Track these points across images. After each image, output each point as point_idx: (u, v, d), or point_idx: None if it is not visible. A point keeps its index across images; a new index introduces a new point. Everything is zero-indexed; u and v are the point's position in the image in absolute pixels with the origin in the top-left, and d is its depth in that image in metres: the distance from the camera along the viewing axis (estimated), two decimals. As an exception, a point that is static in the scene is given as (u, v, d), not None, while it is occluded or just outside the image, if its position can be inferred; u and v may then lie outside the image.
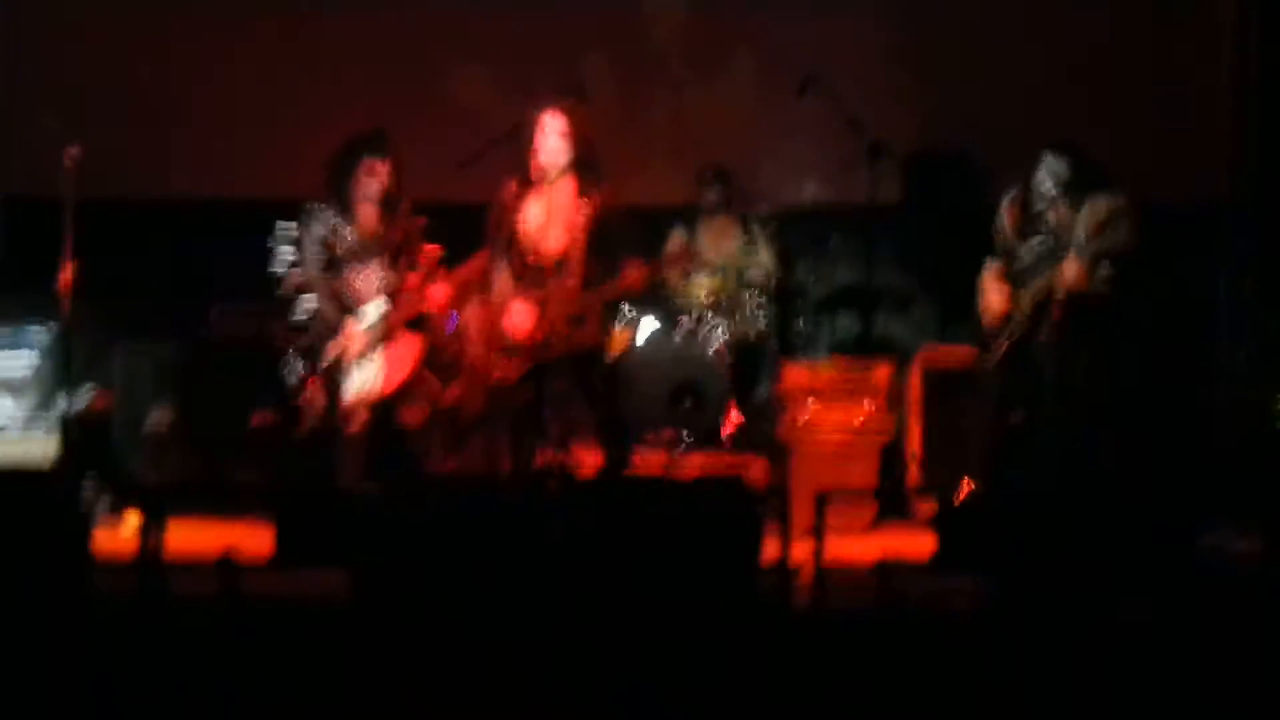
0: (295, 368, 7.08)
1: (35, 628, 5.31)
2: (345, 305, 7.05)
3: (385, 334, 7.02)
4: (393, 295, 7.05)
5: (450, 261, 7.56)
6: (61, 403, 7.85)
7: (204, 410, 8.10)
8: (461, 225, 7.14)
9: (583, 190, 6.83)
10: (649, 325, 8.44)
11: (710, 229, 8.79)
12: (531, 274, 6.85)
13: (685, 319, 8.47)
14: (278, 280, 7.13)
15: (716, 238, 8.77)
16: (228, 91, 9.10)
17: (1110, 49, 8.92)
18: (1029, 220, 7.04)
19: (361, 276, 7.05)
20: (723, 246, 8.73)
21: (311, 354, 7.08)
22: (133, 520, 6.50)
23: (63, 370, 7.83)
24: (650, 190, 8.78)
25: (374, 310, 7.02)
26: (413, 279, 7.07)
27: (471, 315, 6.98)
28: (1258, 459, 7.79)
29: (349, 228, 7.06)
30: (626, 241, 6.92)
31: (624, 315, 8.43)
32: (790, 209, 8.92)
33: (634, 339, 8.25)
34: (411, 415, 7.16)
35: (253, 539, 6.35)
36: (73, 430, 7.74)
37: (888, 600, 5.44)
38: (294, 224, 7.09)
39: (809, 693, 5.16)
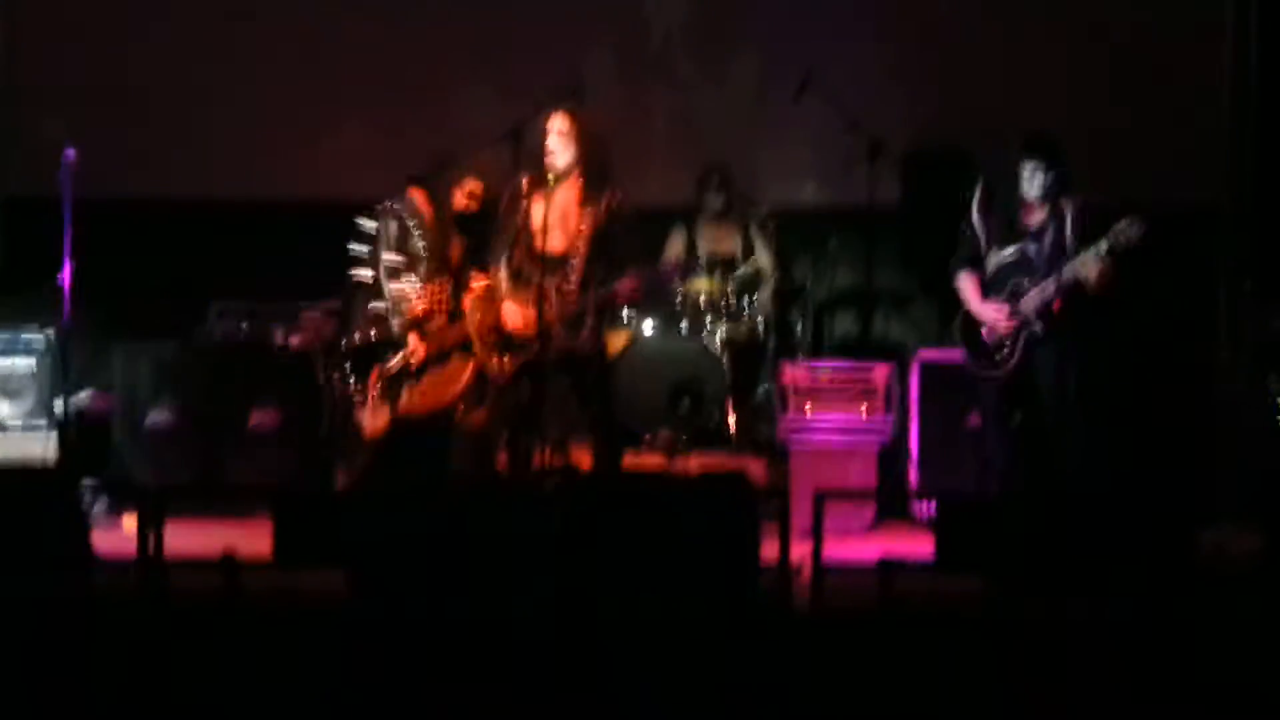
0: (335, 365, 7.00)
1: (37, 628, 5.31)
2: (405, 314, 6.95)
3: (442, 351, 6.97)
4: (450, 313, 6.98)
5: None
6: (61, 403, 7.85)
7: (204, 410, 8.10)
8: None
9: (588, 194, 6.84)
10: (648, 328, 8.44)
11: (711, 230, 8.79)
12: (530, 272, 6.86)
13: (684, 320, 8.47)
14: (351, 277, 7.03)
15: (717, 239, 8.77)
16: (228, 92, 9.10)
17: (1110, 49, 8.92)
18: (998, 225, 6.97)
19: (422, 290, 6.95)
20: (723, 248, 8.74)
21: (362, 356, 6.99)
22: (132, 520, 6.49)
23: (62, 371, 7.83)
24: (650, 191, 8.77)
25: (436, 324, 6.96)
26: (465, 300, 7.01)
27: (469, 312, 6.98)
28: (1258, 459, 7.79)
29: (423, 239, 6.97)
30: (630, 244, 6.93)
31: (623, 318, 8.44)
32: (790, 209, 8.92)
33: (632, 342, 8.25)
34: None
35: (253, 539, 6.35)
36: (72, 430, 7.75)
37: (888, 600, 5.44)
38: (373, 222, 7.01)
39: (809, 693, 5.16)
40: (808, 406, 7.84)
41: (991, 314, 6.94)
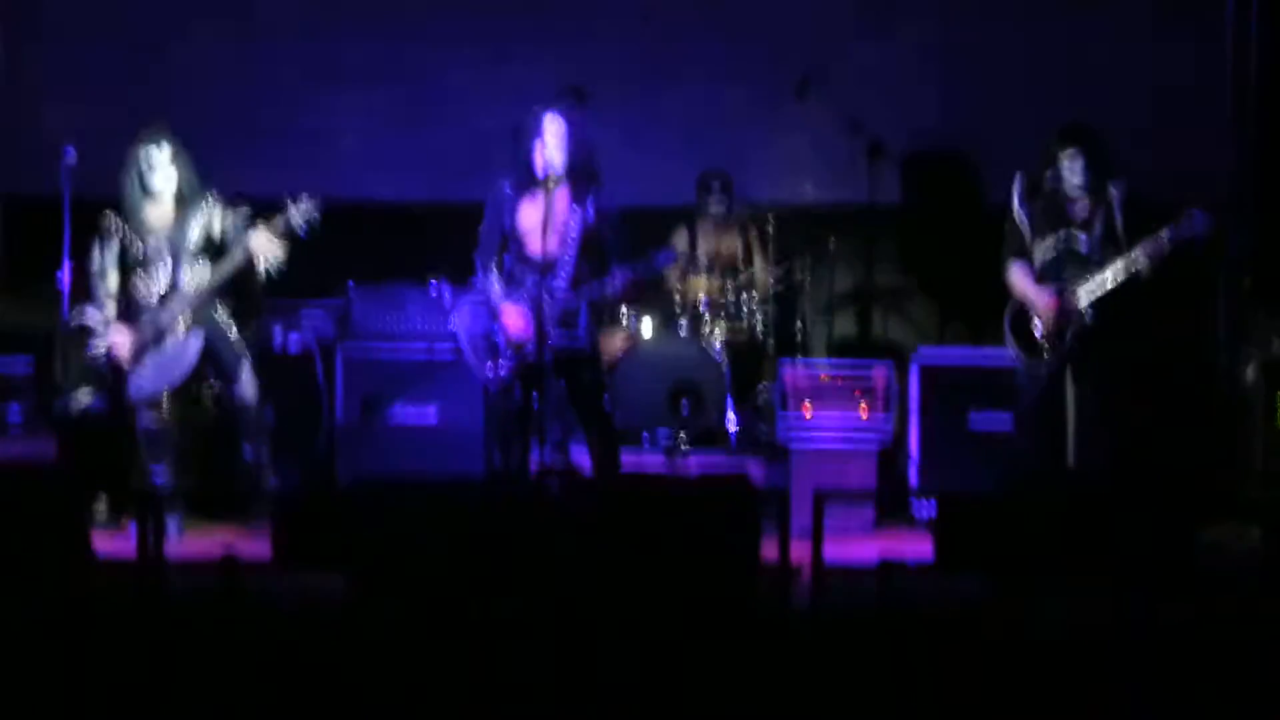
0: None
1: (35, 627, 5.31)
2: (127, 310, 7.08)
3: (164, 331, 7.05)
4: (198, 289, 7.08)
5: (446, 268, 7.60)
6: (61, 403, 7.85)
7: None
8: (460, 226, 7.15)
9: (578, 195, 6.85)
10: (647, 328, 8.45)
11: (711, 233, 8.80)
12: (522, 275, 6.88)
13: (684, 320, 8.47)
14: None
15: (718, 242, 8.78)
16: (227, 92, 9.10)
17: (1110, 49, 8.92)
18: (1041, 216, 6.97)
19: (150, 278, 7.07)
20: (723, 248, 8.74)
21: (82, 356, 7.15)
22: (129, 519, 6.50)
23: (62, 370, 7.82)
24: (650, 191, 8.78)
25: (164, 309, 7.05)
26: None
27: (462, 317, 6.99)
28: (1257, 459, 7.79)
29: (137, 230, 7.08)
30: (618, 243, 6.94)
31: (622, 319, 8.45)
32: (789, 209, 8.92)
33: (633, 343, 8.26)
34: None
35: (252, 539, 6.36)
36: (72, 430, 7.75)
37: (887, 600, 5.44)
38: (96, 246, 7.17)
39: (809, 693, 5.16)
40: (807, 406, 7.84)
41: (1047, 304, 6.92)
